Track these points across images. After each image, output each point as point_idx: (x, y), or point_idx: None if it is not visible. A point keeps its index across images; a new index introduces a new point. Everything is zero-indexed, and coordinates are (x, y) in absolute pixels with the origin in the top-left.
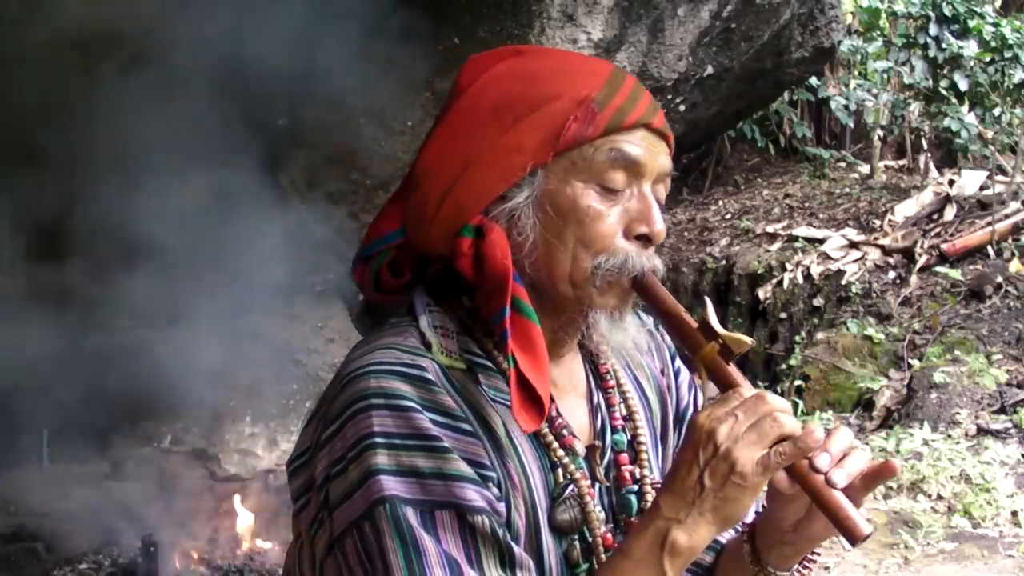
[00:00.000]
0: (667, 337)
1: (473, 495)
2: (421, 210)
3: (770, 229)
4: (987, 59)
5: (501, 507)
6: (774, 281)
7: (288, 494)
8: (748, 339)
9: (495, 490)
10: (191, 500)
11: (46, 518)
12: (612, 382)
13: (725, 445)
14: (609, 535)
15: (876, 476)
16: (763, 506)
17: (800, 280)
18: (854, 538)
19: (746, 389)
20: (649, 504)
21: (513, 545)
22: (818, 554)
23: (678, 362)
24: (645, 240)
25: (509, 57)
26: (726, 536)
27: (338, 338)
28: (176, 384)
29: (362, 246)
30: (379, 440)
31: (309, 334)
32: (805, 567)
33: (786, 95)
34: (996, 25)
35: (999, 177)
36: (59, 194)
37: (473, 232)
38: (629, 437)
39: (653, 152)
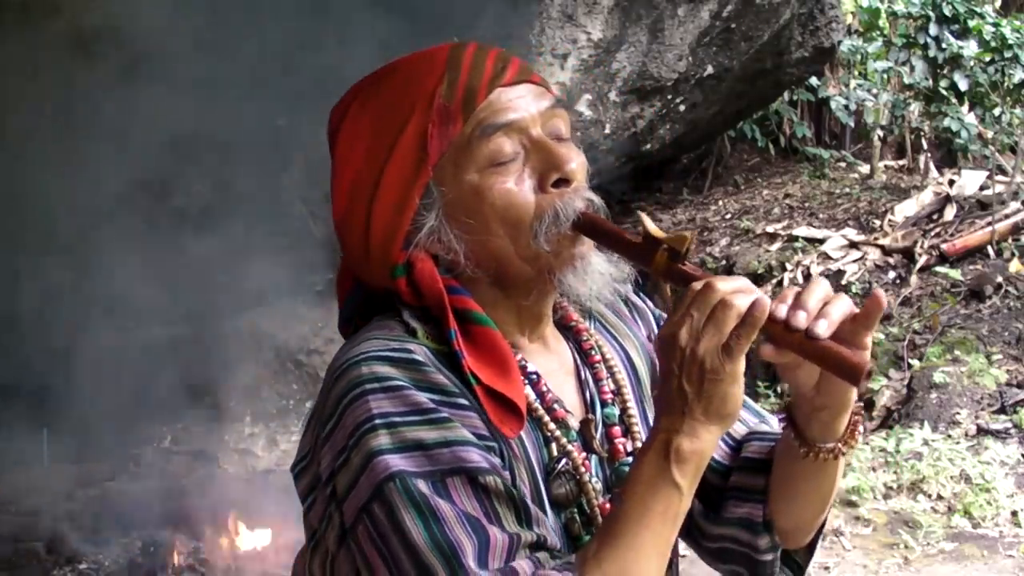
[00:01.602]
0: (649, 303)
1: (480, 458)
2: (356, 264)
3: (770, 229)
4: (987, 59)
5: (506, 474)
6: (774, 281)
7: (287, 494)
8: (687, 233)
9: (498, 459)
10: (191, 500)
11: (46, 518)
12: (598, 357)
13: (689, 346)
14: (607, 505)
15: (869, 313)
16: (789, 396)
17: (800, 280)
18: (856, 374)
19: (698, 283)
20: None
21: (527, 501)
22: (859, 416)
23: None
24: (564, 183)
25: (359, 92)
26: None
27: (338, 338)
28: (176, 383)
29: (340, 312)
30: (378, 422)
31: (309, 334)
32: (850, 435)
33: (786, 95)
34: (996, 25)
35: (999, 177)
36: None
37: (404, 270)
38: (619, 410)
39: (522, 104)
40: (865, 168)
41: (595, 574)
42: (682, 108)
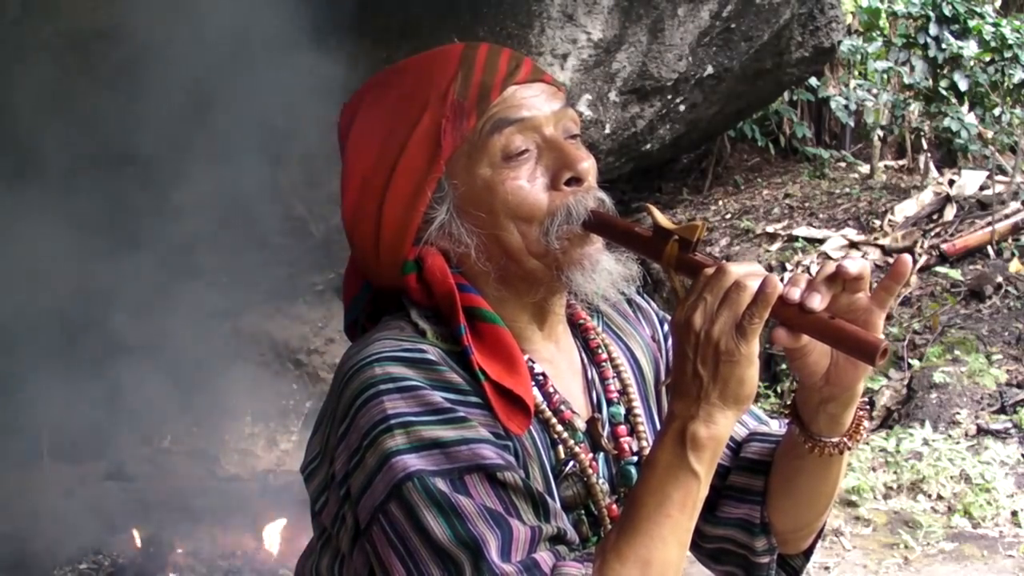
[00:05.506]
0: (652, 303)
1: (496, 455)
2: (365, 263)
3: (770, 229)
4: (987, 59)
5: (522, 472)
6: None
7: (286, 494)
8: (698, 223)
9: (512, 457)
10: (191, 500)
11: (46, 518)
12: (604, 356)
13: (704, 329)
14: (614, 506)
15: (888, 286)
16: (794, 392)
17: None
18: (871, 353)
19: (710, 269)
20: None
21: (544, 495)
22: (864, 412)
23: (667, 325)
24: (576, 182)
25: (369, 91)
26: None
27: (338, 338)
28: (176, 383)
29: (345, 314)
30: (394, 422)
31: (309, 334)
32: (855, 430)
33: (786, 95)
34: (996, 25)
35: (999, 177)
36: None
37: (414, 266)
38: (624, 410)
39: (536, 103)
40: (865, 168)
41: (615, 564)
42: (682, 108)
